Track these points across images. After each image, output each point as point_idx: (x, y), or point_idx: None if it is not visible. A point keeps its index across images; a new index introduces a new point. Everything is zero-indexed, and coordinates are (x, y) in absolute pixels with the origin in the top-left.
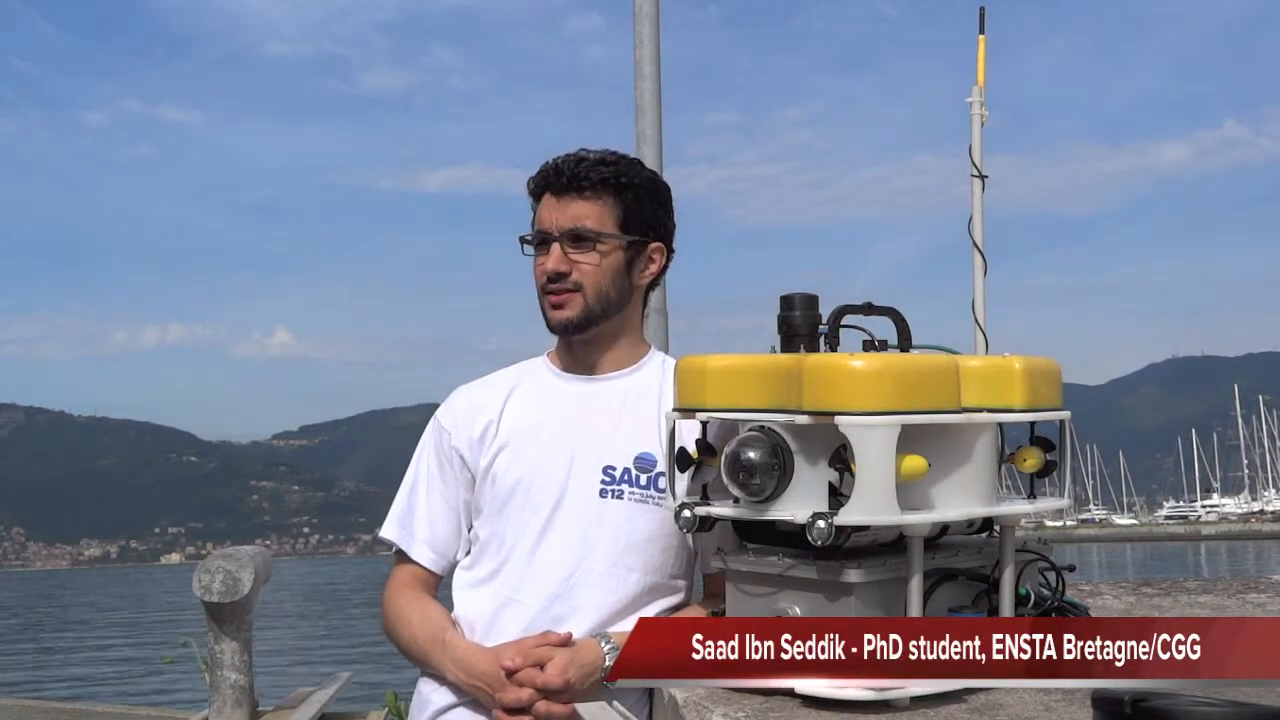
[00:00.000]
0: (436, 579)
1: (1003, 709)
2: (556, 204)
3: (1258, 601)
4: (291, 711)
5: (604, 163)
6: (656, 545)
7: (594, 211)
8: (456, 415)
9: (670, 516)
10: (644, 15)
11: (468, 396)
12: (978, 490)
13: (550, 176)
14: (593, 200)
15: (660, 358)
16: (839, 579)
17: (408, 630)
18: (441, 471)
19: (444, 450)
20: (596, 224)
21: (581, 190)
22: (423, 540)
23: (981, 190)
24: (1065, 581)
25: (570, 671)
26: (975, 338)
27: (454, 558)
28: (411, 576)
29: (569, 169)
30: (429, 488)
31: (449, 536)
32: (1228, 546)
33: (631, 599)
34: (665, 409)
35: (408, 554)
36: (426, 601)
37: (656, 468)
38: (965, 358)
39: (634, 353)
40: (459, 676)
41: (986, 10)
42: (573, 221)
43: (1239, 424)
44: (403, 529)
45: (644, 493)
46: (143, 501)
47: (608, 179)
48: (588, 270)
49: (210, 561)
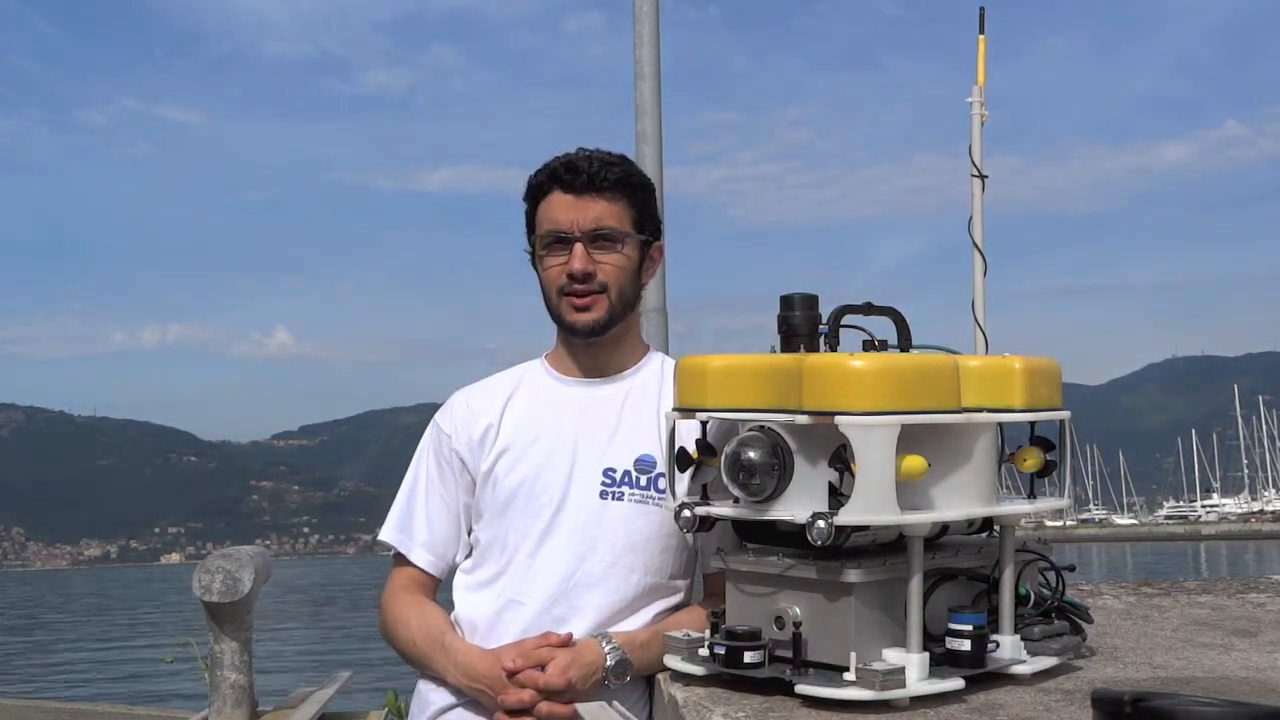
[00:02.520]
0: (435, 582)
1: (1003, 709)
2: (575, 203)
3: (1258, 601)
4: (291, 711)
5: (618, 163)
6: (656, 546)
7: (614, 211)
8: (456, 419)
9: (670, 517)
10: (644, 15)
11: (467, 400)
12: (978, 490)
13: (563, 175)
14: (612, 200)
15: (659, 358)
16: (839, 579)
17: (406, 633)
18: (441, 475)
19: (444, 454)
20: (618, 223)
21: (601, 190)
22: (422, 543)
23: (981, 190)
24: (1065, 581)
25: (571, 671)
26: (975, 338)
27: (453, 561)
28: (410, 580)
29: (587, 168)
30: (429, 491)
31: (448, 540)
32: (1228, 546)
33: (632, 599)
34: (665, 410)
35: (407, 557)
36: (425, 604)
37: (656, 469)
38: (965, 358)
39: (635, 354)
40: (459, 679)
41: (986, 10)
42: (596, 221)
43: (1239, 424)
44: (402, 532)
45: (644, 494)
46: (143, 501)
47: (623, 178)
48: (611, 271)
49: (210, 561)
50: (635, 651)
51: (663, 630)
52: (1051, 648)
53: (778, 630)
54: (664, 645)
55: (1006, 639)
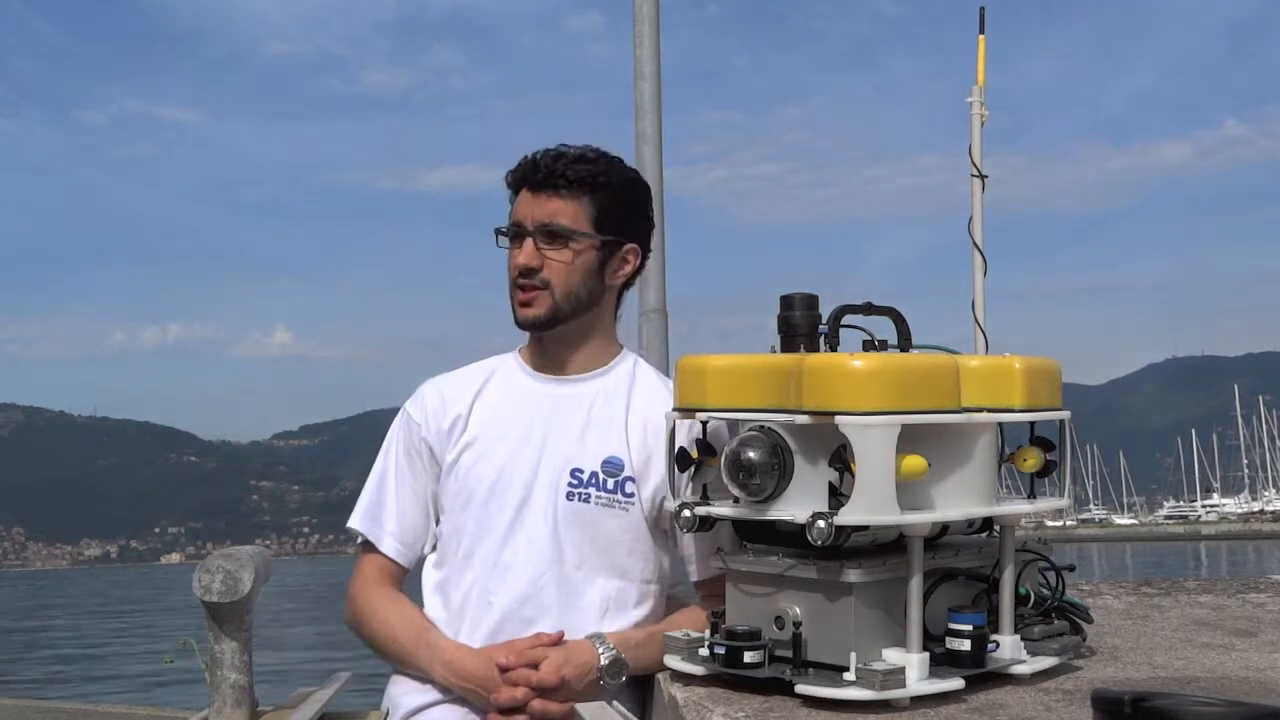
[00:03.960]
0: (404, 572)
1: (1003, 709)
2: (533, 199)
3: (1258, 601)
4: (291, 711)
5: (582, 160)
6: (623, 548)
7: (569, 209)
8: (427, 408)
9: (638, 520)
10: (644, 15)
11: (438, 389)
12: (978, 490)
13: (528, 171)
14: (568, 198)
15: (633, 359)
16: (839, 579)
17: (387, 630)
18: (410, 464)
19: (413, 442)
20: (570, 221)
21: (558, 187)
22: (391, 533)
23: (981, 190)
24: (1065, 581)
25: (565, 670)
26: (975, 338)
27: (421, 551)
28: (379, 570)
29: (546, 165)
30: (398, 480)
31: (418, 529)
32: (1228, 546)
33: (600, 601)
34: (635, 412)
35: (376, 546)
36: (402, 600)
37: (624, 472)
38: (965, 358)
39: (605, 354)
40: (447, 678)
41: (986, 10)
42: (548, 217)
43: (1239, 424)
44: (371, 520)
45: (610, 496)
46: (143, 501)
47: (584, 177)
48: (558, 268)
49: (210, 561)
50: (630, 651)
51: (659, 631)
52: (1051, 648)
53: (778, 630)
54: (660, 645)
55: (1006, 639)
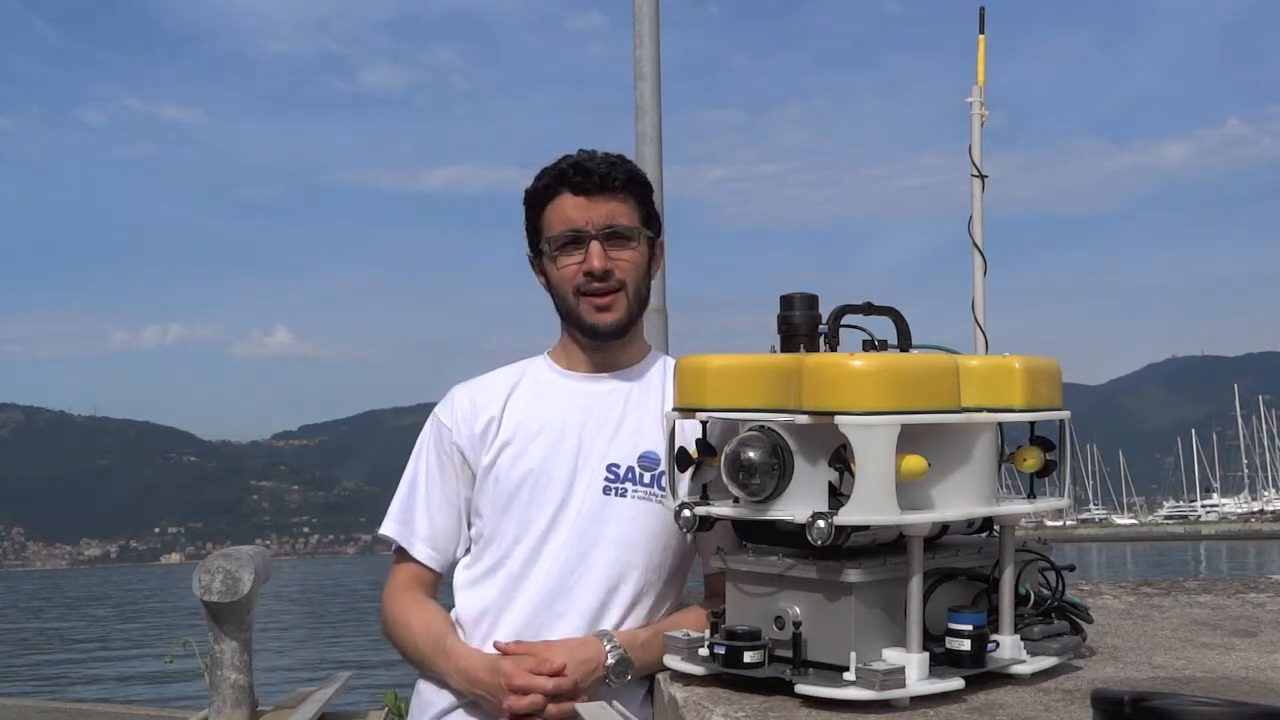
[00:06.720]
0: (436, 577)
1: (1003, 709)
2: (588, 203)
3: (1258, 601)
4: (291, 711)
5: (621, 162)
6: (658, 544)
7: (625, 209)
8: (457, 412)
9: (673, 515)
10: (644, 14)
11: (469, 394)
12: (978, 490)
13: (573, 177)
14: (623, 199)
15: (661, 357)
16: (839, 579)
17: (408, 634)
18: (442, 469)
19: (444, 448)
20: (629, 221)
21: (614, 190)
22: (423, 538)
23: (981, 190)
24: (1065, 581)
25: (574, 670)
26: (975, 338)
27: (454, 555)
28: (411, 576)
29: (598, 168)
30: (429, 485)
31: (449, 534)
32: (1228, 546)
33: (630, 596)
34: (668, 407)
35: (408, 552)
36: (427, 604)
37: (660, 466)
38: (965, 358)
39: (639, 351)
40: (461, 683)
41: (986, 10)
42: (610, 219)
43: (1239, 424)
44: (403, 526)
45: (648, 490)
46: (143, 501)
47: (631, 178)
48: (627, 267)
49: (210, 561)
50: (636, 651)
51: (663, 630)
52: (1051, 648)
53: (778, 630)
54: (664, 645)
55: (1006, 639)
